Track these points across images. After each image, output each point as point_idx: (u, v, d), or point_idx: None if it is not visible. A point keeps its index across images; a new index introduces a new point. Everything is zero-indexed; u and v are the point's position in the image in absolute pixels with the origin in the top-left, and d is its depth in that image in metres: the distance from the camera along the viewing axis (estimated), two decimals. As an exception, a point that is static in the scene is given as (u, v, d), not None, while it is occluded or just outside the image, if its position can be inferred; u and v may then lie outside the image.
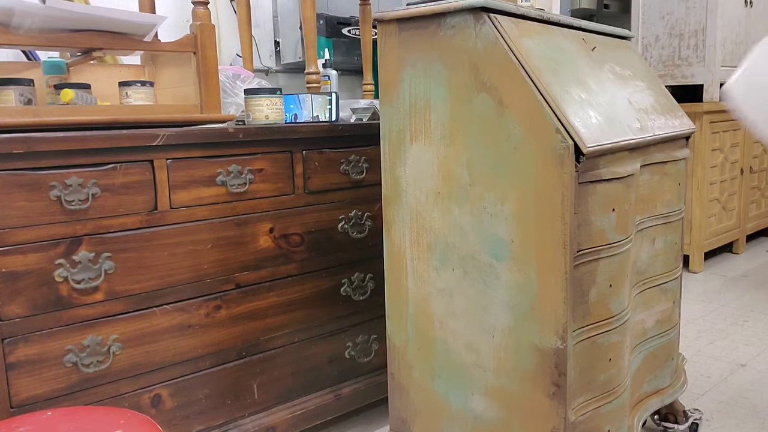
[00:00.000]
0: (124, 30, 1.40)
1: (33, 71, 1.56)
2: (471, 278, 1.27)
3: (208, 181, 1.44)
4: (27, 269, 1.22)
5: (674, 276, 1.54)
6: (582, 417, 1.21)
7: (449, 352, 1.34)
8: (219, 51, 1.82)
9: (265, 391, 1.59)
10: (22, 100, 1.42)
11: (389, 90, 1.36)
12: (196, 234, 1.43)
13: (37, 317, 1.24)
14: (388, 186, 1.43)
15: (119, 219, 1.32)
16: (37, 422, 0.98)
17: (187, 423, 1.47)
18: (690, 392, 1.98)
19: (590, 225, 1.15)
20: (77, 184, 1.26)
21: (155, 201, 1.37)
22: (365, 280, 1.74)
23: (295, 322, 1.63)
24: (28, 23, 1.26)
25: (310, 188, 1.62)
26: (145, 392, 1.40)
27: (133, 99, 1.52)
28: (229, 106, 1.70)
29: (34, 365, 1.25)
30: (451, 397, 1.36)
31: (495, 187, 1.19)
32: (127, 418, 0.99)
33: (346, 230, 1.69)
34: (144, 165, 1.34)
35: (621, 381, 1.29)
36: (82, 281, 1.28)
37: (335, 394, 1.72)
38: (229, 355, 1.52)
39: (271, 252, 1.56)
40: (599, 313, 1.21)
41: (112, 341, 1.33)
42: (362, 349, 1.77)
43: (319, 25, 2.34)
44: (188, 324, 1.44)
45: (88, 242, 1.28)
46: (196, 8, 1.50)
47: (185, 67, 1.54)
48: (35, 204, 1.22)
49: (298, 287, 1.62)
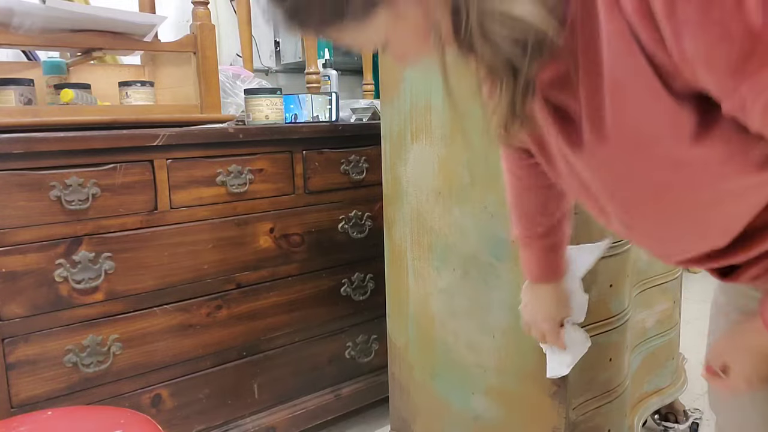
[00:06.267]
0: (124, 30, 1.39)
1: (33, 71, 1.55)
2: (472, 278, 1.27)
3: (208, 181, 1.44)
4: (27, 269, 1.22)
5: (674, 276, 1.54)
6: (582, 416, 1.21)
7: (450, 351, 1.34)
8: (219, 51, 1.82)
9: (265, 391, 1.59)
10: (22, 100, 1.42)
11: (390, 90, 1.36)
12: (197, 234, 1.43)
13: (37, 317, 1.24)
14: (388, 186, 1.43)
15: (119, 219, 1.32)
16: (37, 422, 0.98)
17: (187, 423, 1.46)
18: (690, 392, 1.98)
19: (590, 225, 1.15)
20: (77, 184, 1.26)
21: (155, 201, 1.37)
22: (365, 280, 1.74)
23: (296, 322, 1.62)
24: (29, 23, 1.26)
25: (310, 188, 1.62)
26: (146, 392, 1.40)
27: (133, 99, 1.52)
28: (229, 106, 1.70)
29: (34, 365, 1.25)
30: (451, 397, 1.36)
31: (496, 187, 1.19)
32: (127, 417, 0.99)
33: (346, 230, 1.69)
34: (144, 165, 1.34)
35: (621, 380, 1.29)
36: (82, 281, 1.28)
37: (335, 394, 1.72)
38: (229, 355, 1.52)
39: (272, 252, 1.56)
40: (599, 312, 1.21)
41: (113, 341, 1.33)
42: (362, 349, 1.76)
43: (319, 25, 2.34)
44: (189, 324, 1.44)
45: (88, 242, 1.28)
46: (196, 8, 1.50)
47: (185, 67, 1.54)
48: (35, 204, 1.22)
49: (299, 287, 1.62)
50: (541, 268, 0.93)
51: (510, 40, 0.51)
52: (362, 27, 0.52)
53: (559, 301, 0.97)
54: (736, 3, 0.42)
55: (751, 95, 0.46)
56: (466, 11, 0.50)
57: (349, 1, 0.50)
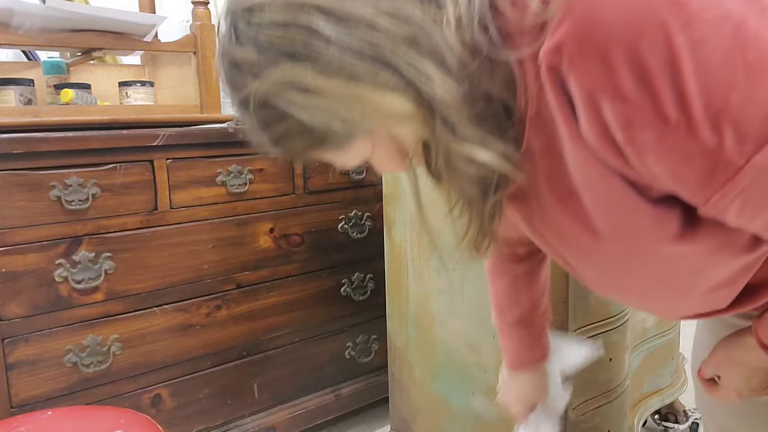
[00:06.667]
0: (124, 30, 1.39)
1: (33, 71, 1.55)
2: (472, 278, 1.27)
3: (208, 181, 1.44)
4: (27, 269, 1.22)
5: (674, 276, 1.54)
6: (582, 416, 1.21)
7: (450, 351, 1.34)
8: (219, 51, 1.81)
9: (265, 391, 1.59)
10: (22, 100, 1.42)
11: (389, 90, 1.36)
12: (197, 234, 1.43)
13: (37, 317, 1.24)
14: (388, 186, 1.43)
15: (119, 219, 1.32)
16: (37, 422, 0.98)
17: (187, 423, 1.46)
18: (690, 392, 1.97)
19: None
20: (77, 184, 1.25)
21: (155, 201, 1.37)
22: (365, 280, 1.74)
23: (296, 322, 1.62)
24: (29, 23, 1.26)
25: (310, 188, 1.62)
26: (146, 392, 1.40)
27: (133, 99, 1.52)
28: (229, 106, 1.70)
29: (34, 365, 1.25)
30: (451, 397, 1.36)
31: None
32: (127, 417, 0.99)
33: (346, 230, 1.69)
34: (144, 165, 1.34)
35: (621, 380, 1.29)
36: (82, 281, 1.28)
37: (335, 394, 1.72)
38: (229, 355, 1.52)
39: (272, 252, 1.56)
40: (599, 312, 1.21)
41: (113, 341, 1.33)
42: (362, 349, 1.76)
43: (319, 25, 2.34)
44: (188, 324, 1.44)
45: (88, 242, 1.28)
46: (196, 8, 1.50)
47: (185, 67, 1.54)
48: (35, 204, 1.22)
49: (299, 287, 1.62)
50: (514, 355, 0.94)
51: (476, 177, 0.55)
52: (342, 152, 0.56)
53: (534, 388, 0.96)
54: (687, 127, 0.44)
55: (722, 203, 0.47)
56: (435, 148, 0.54)
57: (326, 136, 0.53)
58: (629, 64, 0.44)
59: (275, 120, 0.53)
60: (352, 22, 0.49)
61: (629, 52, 0.43)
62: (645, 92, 0.44)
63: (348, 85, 0.50)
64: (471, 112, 0.52)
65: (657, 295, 0.66)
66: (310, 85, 0.50)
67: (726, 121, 0.43)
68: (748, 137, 0.44)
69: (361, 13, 0.49)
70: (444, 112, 0.51)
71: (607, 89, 0.45)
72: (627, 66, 0.44)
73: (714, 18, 0.42)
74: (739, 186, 0.46)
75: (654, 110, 0.44)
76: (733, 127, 0.43)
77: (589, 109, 0.47)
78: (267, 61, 0.51)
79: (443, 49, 0.50)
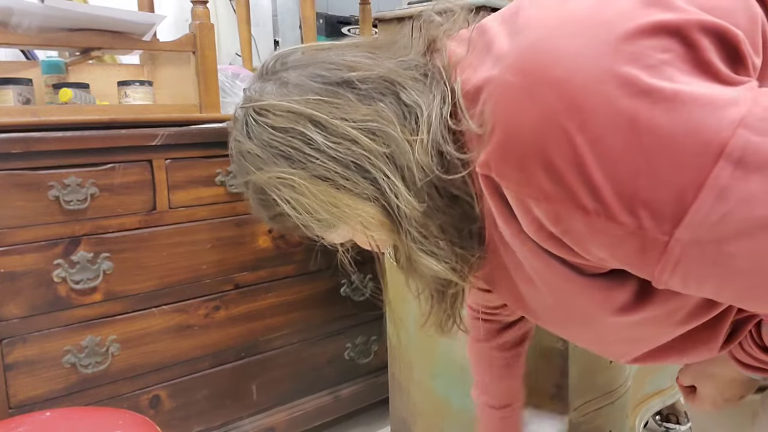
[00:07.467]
0: (122, 29, 1.39)
1: (31, 71, 1.55)
2: (471, 278, 1.26)
3: (207, 181, 1.43)
4: (25, 269, 1.21)
5: (675, 276, 1.54)
6: (583, 417, 1.21)
7: (450, 351, 1.34)
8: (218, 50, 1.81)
9: (264, 392, 1.59)
10: (21, 99, 1.42)
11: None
12: (195, 234, 1.42)
13: (35, 318, 1.24)
14: (388, 186, 1.42)
15: (118, 219, 1.32)
16: (36, 423, 0.97)
17: (186, 424, 1.46)
18: (690, 393, 1.97)
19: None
20: (76, 184, 1.25)
21: (154, 201, 1.36)
22: (365, 280, 1.74)
23: (294, 323, 1.62)
24: (27, 22, 1.25)
25: (310, 188, 1.61)
26: (144, 393, 1.39)
27: (131, 98, 1.51)
28: (228, 106, 1.69)
29: (32, 366, 1.24)
30: (451, 397, 1.35)
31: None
32: (125, 418, 0.99)
33: (345, 230, 1.68)
34: (143, 165, 1.34)
35: (622, 382, 1.29)
36: (81, 282, 1.27)
37: (334, 395, 1.72)
38: (228, 355, 1.51)
39: (270, 252, 1.55)
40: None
41: (111, 342, 1.33)
42: (361, 350, 1.76)
43: (319, 24, 2.33)
44: (187, 324, 1.43)
45: (86, 242, 1.28)
46: (195, 7, 1.49)
47: (184, 67, 1.53)
48: (34, 204, 1.21)
49: (297, 288, 1.62)
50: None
51: (435, 278, 0.63)
52: (328, 234, 0.66)
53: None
54: (607, 215, 0.47)
55: (664, 276, 0.49)
56: (401, 251, 0.62)
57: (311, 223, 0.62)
58: (543, 167, 0.48)
59: (270, 204, 0.62)
60: (339, 136, 0.57)
61: (541, 157, 0.48)
62: (562, 189, 0.48)
63: (330, 191, 0.58)
64: (433, 223, 0.59)
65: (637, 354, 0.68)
66: (298, 187, 0.59)
67: (639, 204, 0.46)
68: (664, 216, 0.46)
69: (347, 130, 0.57)
70: (407, 225, 0.58)
71: (531, 193, 0.50)
72: (542, 169, 0.48)
73: (608, 114, 0.46)
74: (673, 259, 0.47)
75: (574, 203, 0.48)
76: (648, 209, 0.46)
77: (523, 211, 0.52)
78: (268, 158, 0.60)
79: (413, 167, 0.57)
